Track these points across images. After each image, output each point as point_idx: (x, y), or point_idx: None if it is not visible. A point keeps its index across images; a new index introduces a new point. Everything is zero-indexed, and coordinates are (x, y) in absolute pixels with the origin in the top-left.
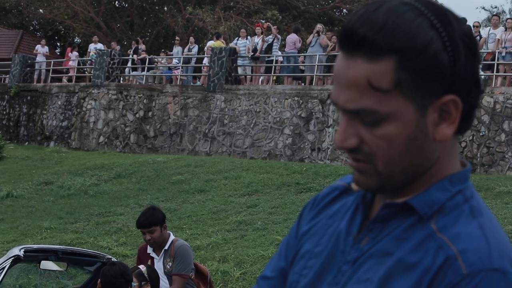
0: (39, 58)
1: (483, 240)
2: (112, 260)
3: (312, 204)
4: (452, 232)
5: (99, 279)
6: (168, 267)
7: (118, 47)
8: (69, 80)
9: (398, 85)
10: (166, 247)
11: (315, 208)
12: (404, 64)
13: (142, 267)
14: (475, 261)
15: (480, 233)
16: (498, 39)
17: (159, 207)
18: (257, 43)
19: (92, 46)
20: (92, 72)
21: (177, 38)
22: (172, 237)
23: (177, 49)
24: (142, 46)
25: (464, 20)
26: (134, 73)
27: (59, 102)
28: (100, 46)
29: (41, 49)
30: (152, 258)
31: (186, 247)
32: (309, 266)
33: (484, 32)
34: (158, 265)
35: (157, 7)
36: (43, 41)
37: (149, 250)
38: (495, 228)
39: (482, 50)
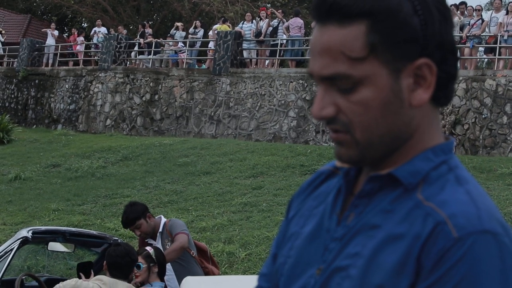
0: (49, 40)
1: (471, 204)
2: (119, 241)
3: (299, 192)
4: (439, 199)
5: (105, 261)
6: (168, 247)
7: (125, 31)
8: (76, 64)
9: (371, 49)
10: (160, 230)
11: (302, 194)
12: (374, 27)
13: (149, 249)
14: (465, 224)
15: (468, 198)
16: (500, 23)
17: (137, 201)
18: (262, 27)
19: (95, 30)
20: (99, 56)
21: (180, 23)
22: (163, 220)
23: (179, 34)
24: (149, 30)
25: None
26: (141, 56)
27: (67, 86)
28: (103, 30)
29: (50, 31)
30: (151, 245)
31: (176, 220)
32: (296, 247)
33: (486, 15)
34: None
35: None
36: (53, 25)
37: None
38: (482, 194)
39: (485, 34)
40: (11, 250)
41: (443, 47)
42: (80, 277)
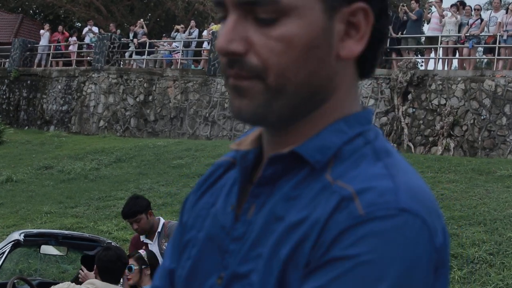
0: (43, 42)
1: (387, 178)
2: (112, 244)
3: (194, 190)
4: (350, 175)
5: (95, 265)
6: (165, 247)
7: (118, 31)
8: (69, 64)
9: None
10: (159, 230)
11: (197, 192)
12: None
13: (142, 251)
14: (376, 200)
15: (385, 172)
16: (500, 22)
17: (141, 195)
18: None
19: (86, 29)
20: (92, 56)
21: (182, 26)
22: (162, 220)
23: (180, 36)
24: (144, 30)
25: None
26: (135, 57)
27: (59, 86)
28: (96, 29)
29: (45, 33)
30: (147, 244)
31: (177, 223)
32: (192, 256)
33: (485, 15)
34: (153, 249)
35: None
36: (47, 26)
37: (142, 237)
38: (406, 170)
39: (484, 33)
40: (3, 253)
41: (383, 2)
42: (83, 270)
